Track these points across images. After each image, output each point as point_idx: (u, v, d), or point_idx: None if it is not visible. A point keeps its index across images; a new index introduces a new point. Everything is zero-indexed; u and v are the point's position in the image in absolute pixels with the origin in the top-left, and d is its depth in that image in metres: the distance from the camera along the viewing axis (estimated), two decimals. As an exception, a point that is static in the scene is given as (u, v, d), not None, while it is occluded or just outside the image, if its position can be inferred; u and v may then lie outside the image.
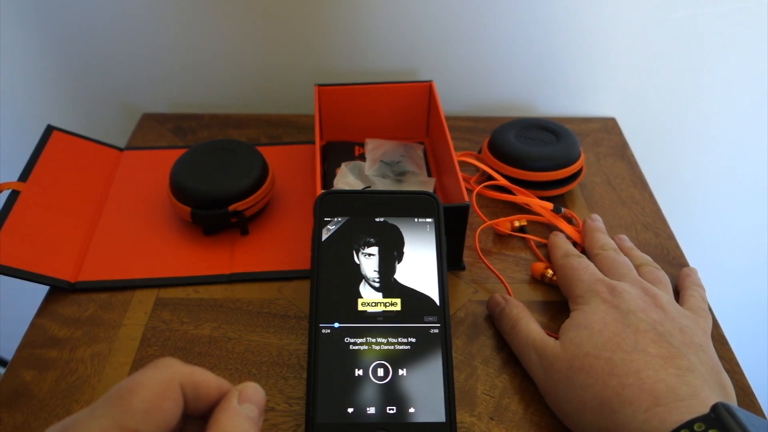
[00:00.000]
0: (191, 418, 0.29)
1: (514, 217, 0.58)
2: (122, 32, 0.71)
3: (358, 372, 0.38)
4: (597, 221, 0.55)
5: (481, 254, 0.55)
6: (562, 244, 0.52)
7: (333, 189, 0.58)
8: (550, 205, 0.58)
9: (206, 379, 0.28)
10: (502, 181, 0.60)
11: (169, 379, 0.27)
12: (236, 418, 0.27)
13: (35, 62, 0.73)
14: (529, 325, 0.44)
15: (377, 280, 0.41)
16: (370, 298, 0.40)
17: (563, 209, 0.58)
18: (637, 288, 0.44)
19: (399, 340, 0.39)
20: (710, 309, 0.50)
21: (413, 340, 0.39)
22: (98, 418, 0.25)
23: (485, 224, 0.57)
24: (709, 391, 0.36)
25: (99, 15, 0.70)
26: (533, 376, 0.43)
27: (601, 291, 0.43)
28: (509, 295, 0.50)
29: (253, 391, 0.29)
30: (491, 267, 0.55)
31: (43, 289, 0.53)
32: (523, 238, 0.58)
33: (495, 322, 0.48)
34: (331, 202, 0.43)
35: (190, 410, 0.28)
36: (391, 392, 0.37)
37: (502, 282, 0.54)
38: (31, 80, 0.75)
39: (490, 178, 0.61)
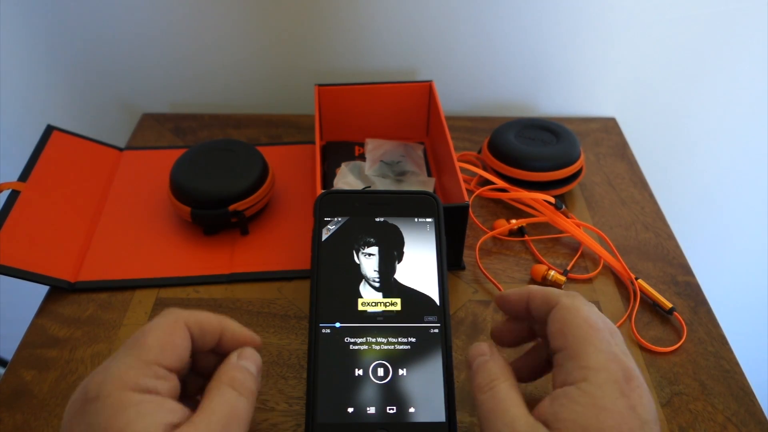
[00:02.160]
0: (203, 355, 0.35)
1: (513, 223, 0.58)
2: (123, 33, 0.71)
3: (358, 372, 0.38)
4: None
5: (480, 265, 0.56)
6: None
7: (333, 189, 0.58)
8: (551, 199, 0.57)
9: (207, 317, 0.34)
10: (502, 185, 0.60)
11: (175, 320, 0.33)
12: (235, 371, 0.33)
13: (35, 62, 0.73)
14: (511, 393, 0.33)
15: (377, 280, 0.41)
16: (370, 298, 0.40)
17: (564, 205, 0.58)
18: (643, 380, 0.34)
19: (399, 340, 0.39)
20: None
21: (413, 340, 0.39)
22: (122, 359, 0.31)
23: (486, 236, 0.57)
24: None
25: (99, 16, 0.70)
26: None
27: (617, 376, 0.32)
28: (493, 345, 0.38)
29: (250, 353, 0.35)
30: (492, 279, 0.55)
31: (43, 289, 0.53)
32: (523, 237, 0.58)
33: (470, 373, 0.37)
34: (331, 201, 0.43)
35: (199, 345, 0.34)
36: (391, 392, 0.37)
37: (500, 290, 0.54)
38: (31, 80, 0.75)
39: (489, 181, 0.61)
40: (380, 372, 0.38)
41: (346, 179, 0.59)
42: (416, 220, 0.43)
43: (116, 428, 0.28)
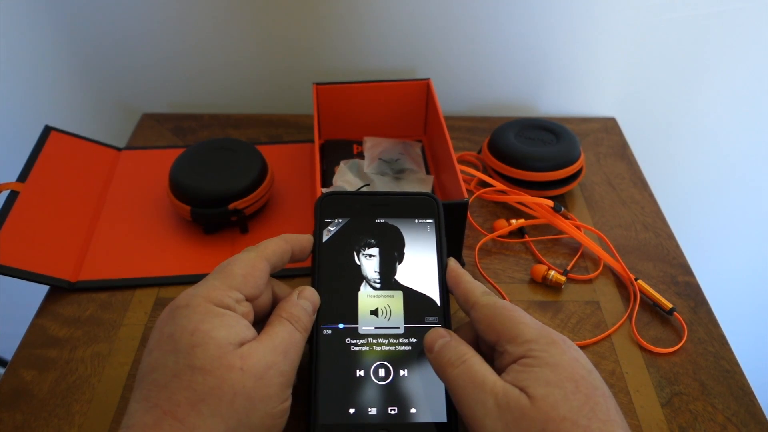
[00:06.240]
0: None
1: (513, 224, 0.58)
2: (122, 33, 0.71)
3: (360, 372, 0.38)
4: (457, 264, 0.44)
5: (480, 266, 0.55)
6: (472, 279, 0.42)
7: (334, 190, 0.58)
8: (549, 203, 0.57)
9: (278, 246, 0.40)
10: (500, 186, 0.60)
11: (257, 256, 0.39)
12: (294, 307, 0.38)
13: (35, 62, 0.73)
14: (483, 365, 0.36)
15: (378, 281, 0.41)
16: (370, 299, 0.40)
17: (562, 208, 0.58)
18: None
19: (400, 340, 0.39)
20: None
21: (414, 340, 0.39)
22: (210, 281, 0.37)
23: (485, 238, 0.57)
24: None
25: (99, 15, 0.70)
26: (480, 424, 0.34)
27: (554, 337, 0.36)
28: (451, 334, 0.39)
29: (310, 293, 0.40)
30: (490, 280, 0.55)
31: (43, 289, 0.53)
32: (523, 237, 0.58)
33: (433, 356, 0.37)
34: (331, 203, 0.43)
35: (276, 268, 0.40)
36: (393, 393, 0.37)
37: (499, 292, 0.54)
38: (30, 80, 0.74)
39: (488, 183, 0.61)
40: (381, 373, 0.38)
41: (345, 177, 0.59)
42: (416, 221, 0.43)
43: (203, 330, 0.34)
